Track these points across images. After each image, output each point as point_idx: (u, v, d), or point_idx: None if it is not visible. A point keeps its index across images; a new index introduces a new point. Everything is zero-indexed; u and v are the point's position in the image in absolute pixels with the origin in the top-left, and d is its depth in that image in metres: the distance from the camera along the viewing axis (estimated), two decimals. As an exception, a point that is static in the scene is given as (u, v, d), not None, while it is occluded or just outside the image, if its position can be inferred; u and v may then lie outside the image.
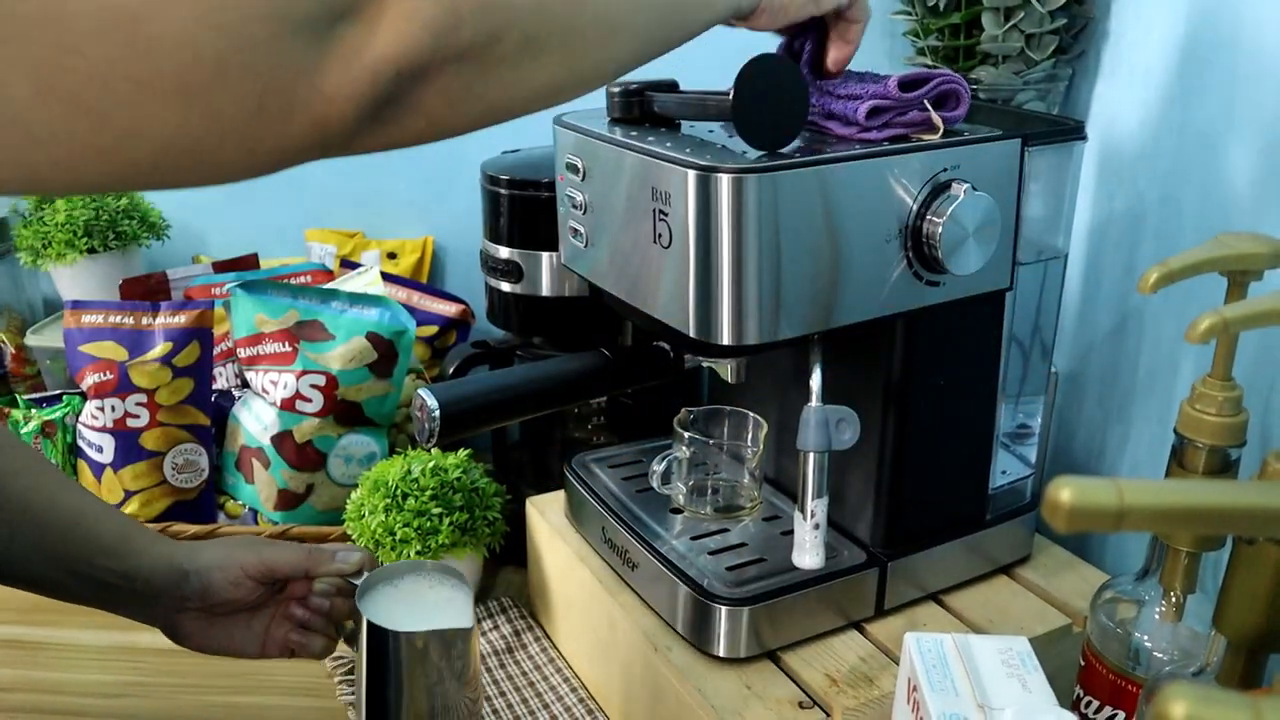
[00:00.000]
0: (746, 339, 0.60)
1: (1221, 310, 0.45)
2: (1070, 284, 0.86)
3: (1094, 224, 0.84)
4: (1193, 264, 0.51)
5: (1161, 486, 0.35)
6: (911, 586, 0.73)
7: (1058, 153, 0.68)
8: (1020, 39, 0.84)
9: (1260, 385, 0.65)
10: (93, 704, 0.79)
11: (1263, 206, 0.67)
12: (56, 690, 0.83)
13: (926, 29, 0.88)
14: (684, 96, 0.67)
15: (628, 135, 0.65)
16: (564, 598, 0.84)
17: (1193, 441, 0.55)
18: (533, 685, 0.82)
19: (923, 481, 0.71)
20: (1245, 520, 0.34)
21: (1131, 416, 0.82)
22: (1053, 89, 0.88)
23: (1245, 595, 0.50)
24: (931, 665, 0.53)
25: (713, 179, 0.57)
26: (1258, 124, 0.67)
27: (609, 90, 0.69)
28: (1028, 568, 0.78)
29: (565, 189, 0.72)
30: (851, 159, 0.60)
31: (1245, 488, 0.45)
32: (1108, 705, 0.60)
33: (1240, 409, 0.54)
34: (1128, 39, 0.81)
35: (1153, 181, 0.78)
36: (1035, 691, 0.52)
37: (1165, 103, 0.76)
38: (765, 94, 0.59)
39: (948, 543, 0.74)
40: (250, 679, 0.84)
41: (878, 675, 0.67)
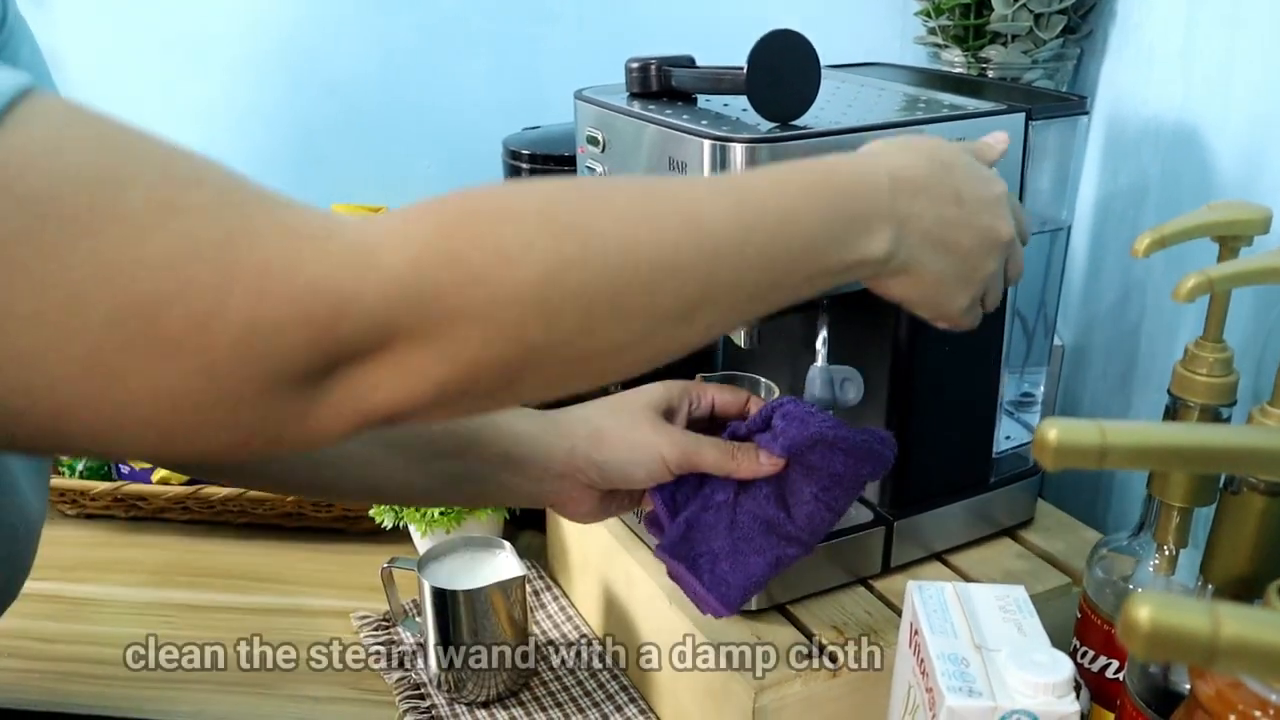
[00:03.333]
0: (759, 302, 0.63)
1: (1207, 270, 0.48)
2: (1076, 257, 0.88)
3: (1099, 198, 0.87)
4: (1184, 229, 0.54)
5: (1139, 426, 0.37)
6: (916, 546, 0.76)
7: (1061, 127, 0.71)
8: (1029, 18, 0.87)
9: (1253, 350, 0.67)
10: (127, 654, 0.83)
11: (1252, 178, 0.69)
12: (95, 642, 0.87)
13: (938, 9, 0.91)
14: (700, 71, 0.70)
15: (646, 108, 0.68)
16: (582, 557, 0.87)
17: (1185, 401, 0.57)
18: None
19: (928, 445, 0.74)
20: (1210, 458, 0.37)
21: (1133, 385, 0.84)
22: (1061, 68, 0.90)
23: (1230, 543, 0.53)
24: (932, 610, 0.56)
25: (728, 148, 0.60)
26: (1249, 101, 0.70)
27: (628, 65, 0.72)
28: (1030, 530, 0.81)
29: (586, 160, 0.75)
30: (861, 130, 0.62)
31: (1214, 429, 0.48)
32: (1102, 655, 0.63)
33: (1231, 370, 0.57)
34: (1133, 19, 0.83)
35: (1155, 157, 0.80)
36: (1030, 635, 0.55)
37: (1166, 81, 0.78)
38: (777, 69, 0.62)
39: (952, 504, 0.76)
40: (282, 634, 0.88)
41: (883, 628, 0.70)
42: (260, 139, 1.17)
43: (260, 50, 1.14)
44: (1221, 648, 0.28)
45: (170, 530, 1.03)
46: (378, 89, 1.15)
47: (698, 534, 0.62)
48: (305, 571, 0.97)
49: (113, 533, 1.04)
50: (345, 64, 1.14)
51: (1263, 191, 0.68)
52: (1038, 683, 0.50)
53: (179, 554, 1.00)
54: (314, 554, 0.99)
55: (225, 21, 1.13)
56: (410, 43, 1.13)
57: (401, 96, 1.15)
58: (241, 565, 0.98)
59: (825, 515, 0.62)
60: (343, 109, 1.16)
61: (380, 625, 0.88)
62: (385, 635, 0.87)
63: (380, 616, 0.89)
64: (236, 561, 0.99)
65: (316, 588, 0.94)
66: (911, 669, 0.57)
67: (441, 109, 1.15)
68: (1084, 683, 0.64)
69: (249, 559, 0.99)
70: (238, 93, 1.16)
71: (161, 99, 1.15)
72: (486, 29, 1.12)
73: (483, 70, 1.13)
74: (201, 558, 0.99)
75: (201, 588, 0.95)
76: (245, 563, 0.99)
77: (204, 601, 0.93)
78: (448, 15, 1.11)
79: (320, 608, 0.91)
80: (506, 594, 0.78)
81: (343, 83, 1.15)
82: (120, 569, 0.98)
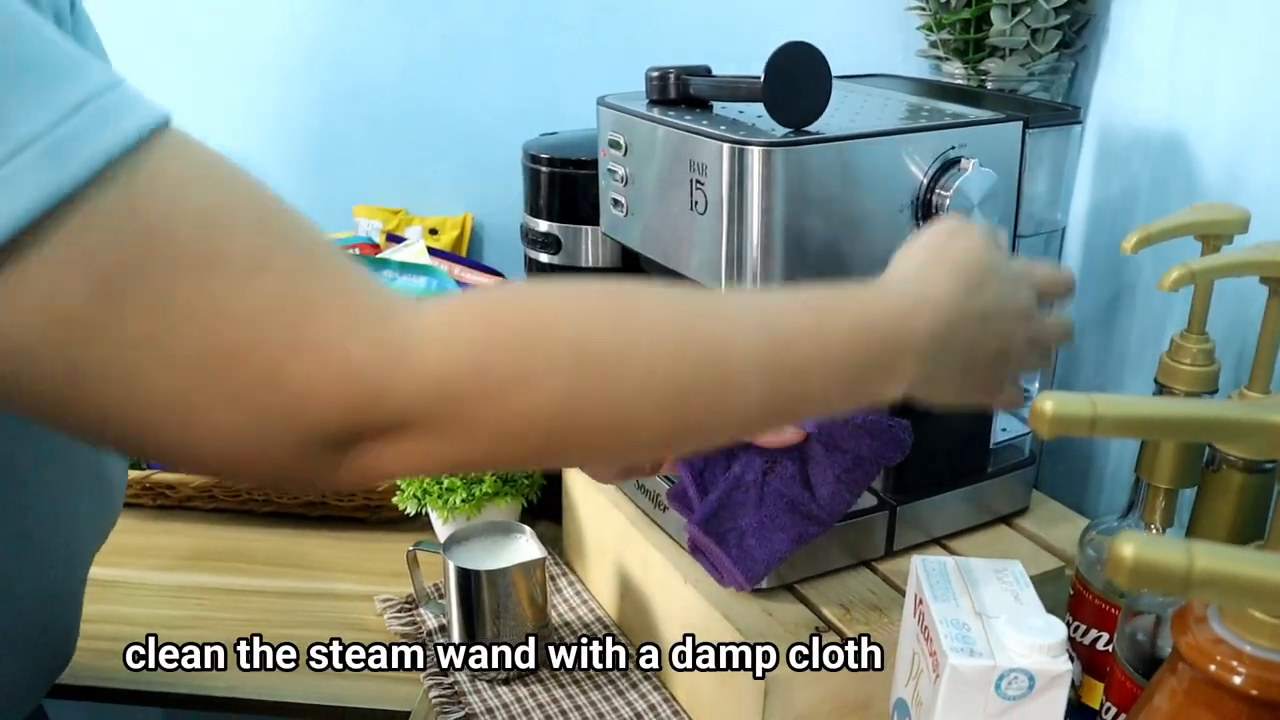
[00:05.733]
0: (773, 296, 0.67)
1: (1189, 263, 0.52)
2: (1071, 260, 0.93)
3: (1093, 204, 0.91)
4: (1169, 228, 0.58)
5: (1125, 399, 0.42)
6: (918, 531, 0.80)
7: (1056, 135, 0.75)
8: (1026, 33, 0.91)
9: (1234, 343, 0.72)
10: (160, 634, 0.87)
11: (1234, 183, 0.74)
12: (125, 622, 0.91)
13: (940, 24, 0.95)
14: (717, 80, 0.74)
15: (666, 115, 0.73)
16: (598, 543, 0.91)
17: (1170, 388, 0.61)
18: (568, 625, 0.90)
19: (930, 435, 0.78)
20: (1189, 427, 0.41)
21: (1124, 383, 0.88)
22: (1056, 80, 0.95)
23: (1211, 518, 0.57)
24: (935, 581, 0.60)
25: (746, 151, 0.64)
26: (1229, 112, 0.74)
27: (648, 74, 0.77)
28: (1026, 519, 0.85)
29: (608, 164, 0.79)
30: (869, 136, 0.67)
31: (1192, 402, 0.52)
32: (1093, 629, 0.67)
33: (1213, 360, 0.61)
34: (1124, 35, 0.88)
35: (1144, 163, 0.84)
36: (1026, 603, 0.59)
37: (1154, 93, 0.83)
38: (792, 77, 0.66)
39: (951, 491, 0.80)
40: (308, 615, 0.92)
41: (887, 606, 0.74)
42: (288, 142, 1.22)
43: (289, 58, 1.19)
44: (1195, 578, 0.32)
45: (196, 518, 1.07)
46: (400, 95, 1.19)
47: (727, 512, 0.66)
48: (328, 557, 1.01)
49: (142, 520, 1.07)
50: (369, 72, 1.19)
51: (1243, 195, 0.72)
52: (1034, 644, 0.54)
53: (206, 540, 1.04)
54: (336, 541, 1.03)
55: (257, 31, 1.18)
56: (431, 51, 1.17)
57: (423, 103, 1.19)
58: (266, 551, 1.02)
59: (845, 496, 0.66)
60: (366, 115, 1.20)
61: (403, 607, 0.92)
62: (409, 617, 0.91)
63: (403, 600, 0.93)
64: (261, 547, 1.03)
65: (340, 573, 0.98)
66: (916, 636, 0.61)
67: (461, 114, 1.19)
68: (1077, 656, 0.68)
69: (274, 545, 1.03)
70: (267, 98, 1.21)
71: (194, 102, 1.19)
72: (504, 38, 1.16)
73: (501, 77, 1.17)
74: (228, 544, 1.03)
75: (230, 572, 0.99)
76: (270, 549, 1.02)
77: (233, 585, 0.97)
78: (467, 25, 1.16)
79: (344, 591, 0.95)
80: (528, 575, 0.82)
81: (367, 90, 1.19)
82: (151, 554, 1.02)
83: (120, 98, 0.36)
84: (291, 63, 1.19)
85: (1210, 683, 0.42)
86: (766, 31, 0.70)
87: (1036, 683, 0.54)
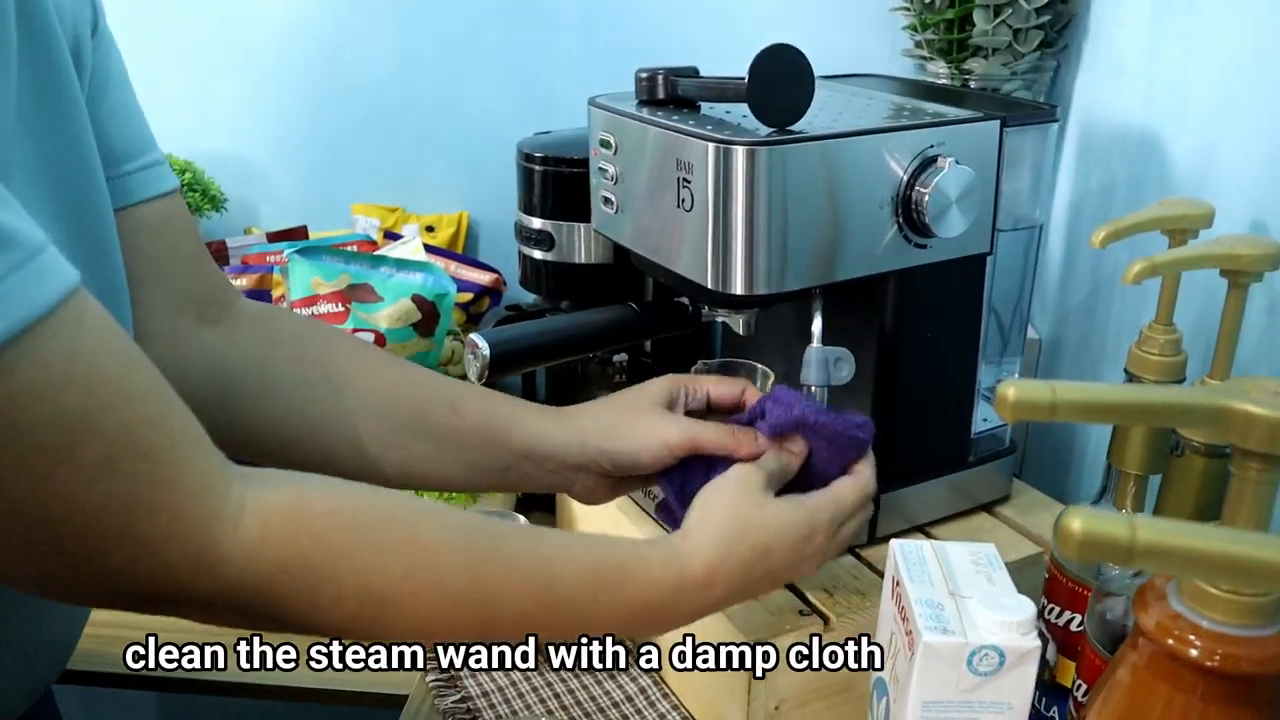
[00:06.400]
0: (757, 289, 0.69)
1: (1152, 257, 0.54)
2: (1052, 256, 0.95)
3: (1073, 200, 0.94)
4: (1137, 223, 0.61)
5: (1084, 385, 0.44)
6: (900, 518, 0.82)
7: (1034, 133, 0.77)
8: (1008, 33, 0.94)
9: (1201, 335, 0.74)
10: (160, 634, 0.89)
11: (1206, 178, 0.76)
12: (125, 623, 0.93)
13: (924, 24, 0.97)
14: (704, 81, 0.77)
15: (655, 115, 0.75)
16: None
17: (1139, 378, 0.64)
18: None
19: (911, 423, 0.80)
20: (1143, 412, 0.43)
21: (1102, 373, 0.91)
22: (1038, 79, 0.97)
23: (1176, 501, 0.59)
24: (912, 564, 0.63)
25: (731, 151, 0.66)
26: (1202, 110, 0.76)
27: (638, 75, 0.79)
28: (1007, 506, 0.87)
29: (599, 162, 0.82)
30: (850, 135, 0.69)
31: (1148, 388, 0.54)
32: (1066, 610, 0.69)
33: (1179, 350, 0.63)
34: (1104, 35, 0.90)
35: (1122, 160, 0.87)
36: (999, 585, 0.61)
37: (1132, 91, 0.85)
38: (775, 79, 0.68)
39: (934, 480, 0.83)
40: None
41: (869, 590, 0.76)
42: (286, 140, 1.24)
43: (288, 59, 1.21)
44: (1138, 549, 0.34)
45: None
46: (396, 94, 1.22)
47: None
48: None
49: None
50: (366, 71, 1.21)
51: (1214, 189, 0.74)
52: (1004, 621, 0.56)
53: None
54: (336, 531, 1.05)
55: (256, 32, 1.20)
56: (427, 51, 1.20)
57: (418, 101, 1.22)
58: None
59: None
60: (363, 113, 1.23)
61: (401, 595, 0.94)
62: (406, 604, 0.93)
63: (401, 587, 0.95)
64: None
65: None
66: (893, 617, 0.63)
67: (457, 114, 1.21)
68: (1051, 636, 0.70)
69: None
70: (267, 98, 1.23)
71: (195, 102, 1.22)
72: (499, 38, 1.19)
73: (496, 77, 1.19)
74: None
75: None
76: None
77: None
78: (462, 25, 1.18)
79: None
80: None
81: (364, 88, 1.22)
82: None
83: (20, 279, 0.39)
84: (290, 63, 1.21)
85: (1169, 656, 0.44)
86: (759, 31, 0.72)
87: (1007, 659, 0.56)
